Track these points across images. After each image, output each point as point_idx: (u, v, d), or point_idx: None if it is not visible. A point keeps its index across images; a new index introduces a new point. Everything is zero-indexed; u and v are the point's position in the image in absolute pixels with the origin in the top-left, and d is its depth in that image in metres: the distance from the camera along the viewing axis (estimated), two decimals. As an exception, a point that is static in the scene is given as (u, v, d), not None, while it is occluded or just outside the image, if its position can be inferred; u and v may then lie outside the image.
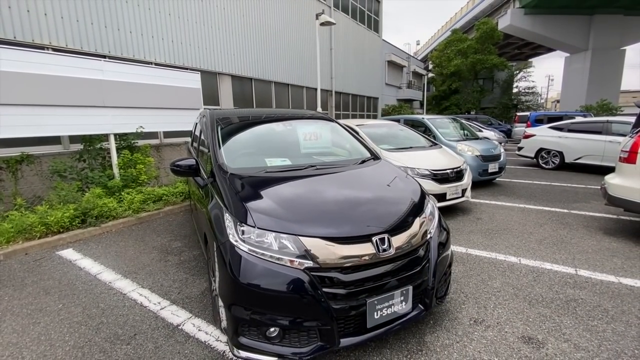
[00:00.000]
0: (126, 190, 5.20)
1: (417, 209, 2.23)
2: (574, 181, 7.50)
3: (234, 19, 9.89)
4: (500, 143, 11.09)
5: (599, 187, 4.49)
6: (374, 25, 19.59)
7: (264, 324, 1.73)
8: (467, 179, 5.09)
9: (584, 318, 2.39)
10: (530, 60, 37.43)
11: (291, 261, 1.75)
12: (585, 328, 2.27)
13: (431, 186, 4.64)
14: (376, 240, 1.86)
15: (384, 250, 1.86)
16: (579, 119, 10.42)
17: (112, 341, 2.23)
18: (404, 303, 1.92)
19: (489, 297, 2.69)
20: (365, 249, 1.83)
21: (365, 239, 1.86)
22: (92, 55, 6.06)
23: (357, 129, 5.61)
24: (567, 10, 24.03)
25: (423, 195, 2.45)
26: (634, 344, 2.11)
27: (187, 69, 7.95)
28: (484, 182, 7.06)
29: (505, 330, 2.26)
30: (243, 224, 1.87)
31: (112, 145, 5.37)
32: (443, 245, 2.23)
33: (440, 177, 4.81)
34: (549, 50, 33.30)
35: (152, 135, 7.34)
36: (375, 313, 1.83)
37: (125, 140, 5.76)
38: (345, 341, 1.80)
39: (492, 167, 6.69)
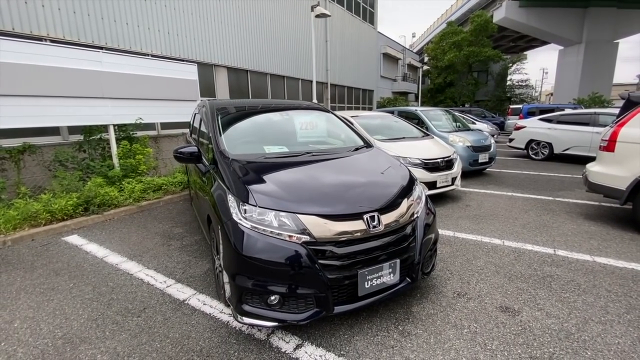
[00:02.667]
0: (126, 180, 5.33)
1: (405, 192, 2.41)
2: (561, 171, 7.75)
3: (229, 11, 9.91)
4: (493, 135, 11.34)
5: (581, 175, 4.71)
6: (370, 17, 19.59)
7: (265, 292, 1.91)
8: (457, 168, 5.29)
9: (558, 291, 2.61)
10: (524, 53, 37.63)
11: (290, 236, 1.93)
12: (558, 299, 2.50)
13: (422, 174, 4.84)
14: (367, 218, 2.05)
15: (374, 226, 2.04)
16: (568, 111, 10.66)
17: (123, 314, 2.40)
18: (392, 275, 2.12)
19: (472, 274, 2.90)
20: (357, 225, 2.02)
21: (357, 216, 2.05)
22: (90, 46, 6.11)
23: (351, 120, 5.77)
24: (561, 3, 24.18)
25: (412, 180, 2.64)
26: (600, 313, 2.33)
27: (183, 60, 8.01)
28: (474, 172, 7.28)
29: (485, 301, 2.48)
30: (245, 204, 2.04)
31: (112, 135, 5.48)
32: (429, 226, 2.42)
33: (431, 166, 5.01)
34: (544, 43, 33.53)
35: (150, 126, 7.44)
36: (366, 283, 2.02)
37: (124, 131, 5.87)
38: (338, 308, 1.99)
39: (483, 158, 6.90)
